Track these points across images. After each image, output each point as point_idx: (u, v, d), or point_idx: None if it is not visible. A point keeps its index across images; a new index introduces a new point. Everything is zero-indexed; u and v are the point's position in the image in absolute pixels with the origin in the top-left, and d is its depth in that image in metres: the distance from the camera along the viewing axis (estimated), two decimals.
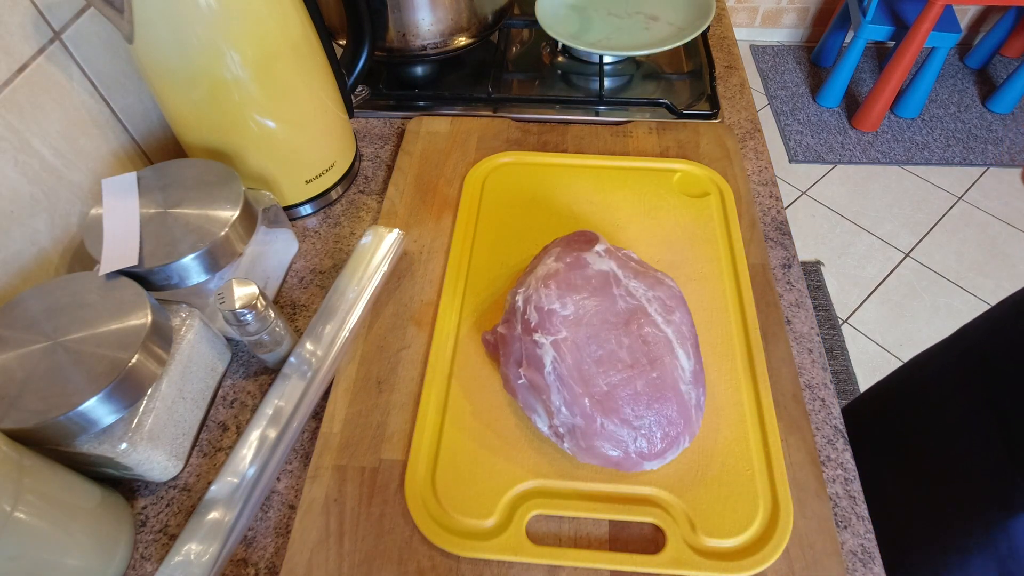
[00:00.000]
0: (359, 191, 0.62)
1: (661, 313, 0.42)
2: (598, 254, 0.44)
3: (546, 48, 0.78)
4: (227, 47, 0.45)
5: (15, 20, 0.44)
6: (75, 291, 0.40)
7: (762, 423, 0.43)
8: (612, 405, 0.39)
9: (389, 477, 0.42)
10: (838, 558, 0.38)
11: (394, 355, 0.48)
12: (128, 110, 0.55)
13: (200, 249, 0.42)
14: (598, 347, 0.40)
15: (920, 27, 1.72)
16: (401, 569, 0.39)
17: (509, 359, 0.43)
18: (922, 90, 1.93)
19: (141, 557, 0.40)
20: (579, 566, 0.39)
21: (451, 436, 0.43)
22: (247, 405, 0.47)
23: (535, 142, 0.63)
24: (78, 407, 0.35)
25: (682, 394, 0.40)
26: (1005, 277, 1.63)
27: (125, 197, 0.45)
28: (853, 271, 1.65)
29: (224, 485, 0.41)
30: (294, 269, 0.55)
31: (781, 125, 2.02)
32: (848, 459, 0.44)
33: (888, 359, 1.48)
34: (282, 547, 0.41)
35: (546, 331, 0.40)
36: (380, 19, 0.64)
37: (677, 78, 0.73)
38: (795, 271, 0.54)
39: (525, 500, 0.41)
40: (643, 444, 0.38)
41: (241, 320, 0.41)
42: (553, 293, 0.42)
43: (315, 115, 0.54)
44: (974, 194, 1.82)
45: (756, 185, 0.61)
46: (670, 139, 0.63)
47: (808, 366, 0.48)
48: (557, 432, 0.40)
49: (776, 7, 2.25)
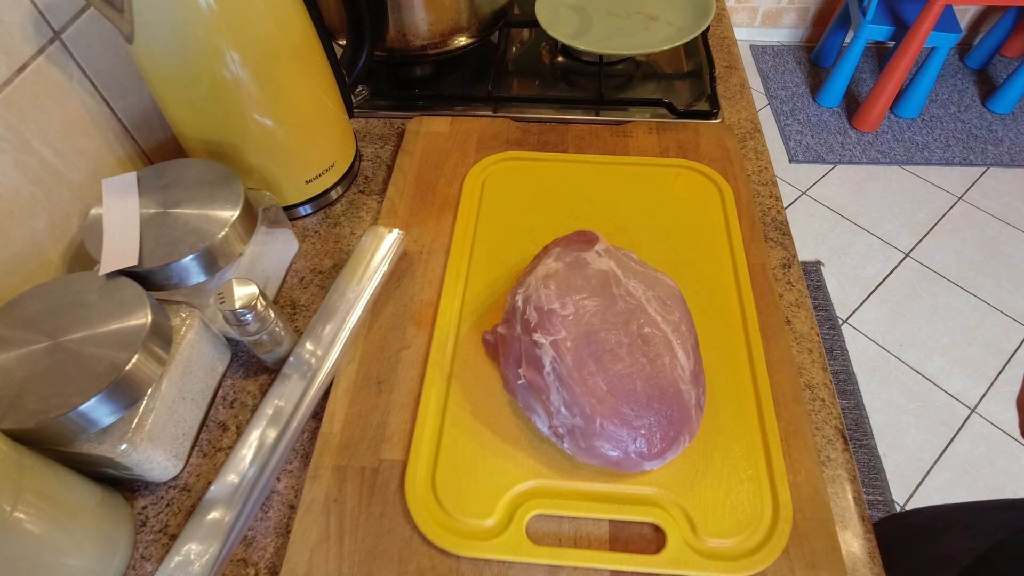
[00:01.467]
0: (359, 191, 0.62)
1: (660, 312, 0.42)
2: (598, 254, 0.44)
3: (546, 48, 0.78)
4: (227, 47, 0.45)
5: (15, 20, 0.44)
6: (75, 291, 0.40)
7: (762, 423, 0.43)
8: (612, 405, 0.39)
9: (389, 477, 0.42)
10: (838, 558, 0.38)
11: (394, 355, 0.48)
12: (128, 110, 0.55)
13: (200, 249, 0.42)
14: (598, 347, 0.40)
15: (920, 27, 1.72)
16: (401, 569, 0.39)
17: (509, 359, 0.43)
18: (922, 90, 1.93)
19: (141, 557, 0.40)
20: (579, 566, 0.39)
21: (451, 436, 0.43)
22: (247, 405, 0.47)
23: (535, 142, 0.63)
24: (78, 407, 0.35)
25: (682, 393, 0.40)
26: (1005, 277, 1.63)
27: (125, 197, 0.45)
28: (853, 271, 1.65)
29: (224, 485, 0.41)
30: (294, 269, 0.55)
31: (781, 125, 2.02)
32: (848, 459, 0.44)
33: (888, 359, 1.48)
34: (282, 547, 0.41)
35: (545, 331, 0.40)
36: (380, 19, 0.64)
37: (677, 78, 0.73)
38: (795, 271, 0.54)
39: (525, 500, 0.41)
40: (643, 444, 0.38)
41: (241, 320, 0.41)
42: (553, 293, 0.42)
43: (315, 115, 0.54)
44: (974, 194, 1.82)
45: (756, 185, 0.61)
46: (670, 139, 0.63)
47: (808, 366, 0.48)
48: (557, 432, 0.40)
49: (776, 7, 2.25)
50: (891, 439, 1.35)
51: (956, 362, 1.47)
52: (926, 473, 1.31)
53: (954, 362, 1.47)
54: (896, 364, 1.47)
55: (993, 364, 1.47)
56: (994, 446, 1.34)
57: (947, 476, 1.30)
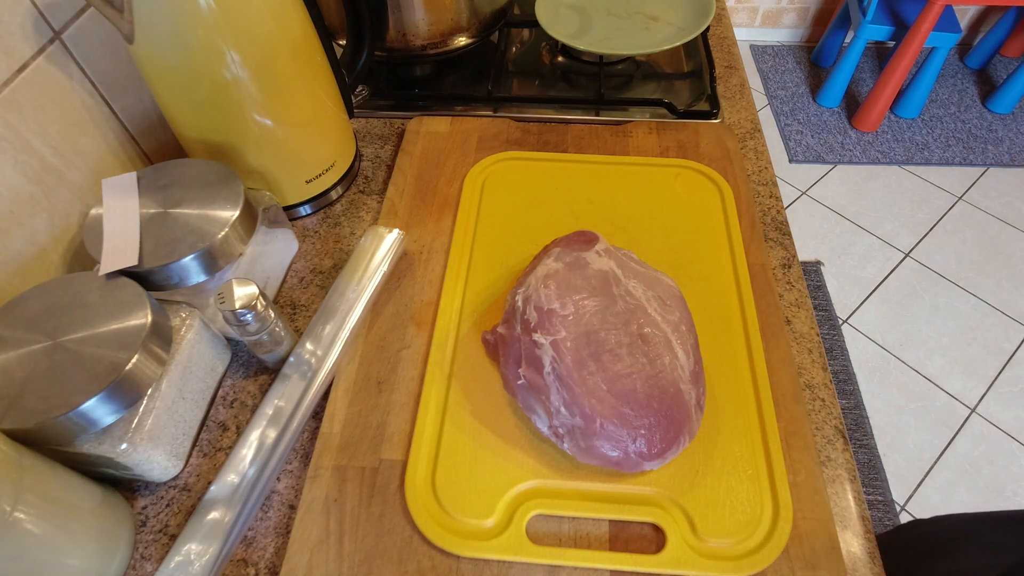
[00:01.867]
0: (359, 191, 0.62)
1: (660, 312, 0.42)
2: (598, 254, 0.44)
3: (546, 48, 0.78)
4: (227, 47, 0.45)
5: (15, 20, 0.44)
6: (75, 291, 0.40)
7: (762, 423, 0.43)
8: (611, 405, 0.39)
9: (389, 477, 0.42)
10: (838, 558, 0.38)
11: (394, 355, 0.48)
12: (128, 110, 0.55)
13: (200, 249, 0.42)
14: (598, 346, 0.40)
15: (920, 27, 1.72)
16: (401, 569, 0.39)
17: (508, 359, 0.43)
18: (922, 90, 1.93)
19: (141, 557, 0.40)
20: (579, 566, 0.39)
21: (451, 436, 0.43)
22: (247, 405, 0.47)
23: (535, 142, 0.63)
24: (78, 407, 0.35)
25: (682, 393, 0.40)
26: (1005, 277, 1.63)
27: (125, 197, 0.45)
28: (853, 271, 1.65)
29: (224, 485, 0.41)
30: (294, 269, 0.55)
31: (781, 125, 2.02)
32: (848, 459, 0.44)
33: (888, 359, 1.48)
34: (282, 547, 0.41)
35: (545, 331, 0.40)
36: (380, 19, 0.64)
37: (677, 78, 0.73)
38: (795, 271, 0.54)
39: (525, 500, 0.41)
40: (643, 444, 0.38)
41: (241, 320, 0.41)
42: (553, 293, 0.42)
43: (315, 115, 0.54)
44: (974, 194, 1.82)
45: (756, 185, 0.61)
46: (670, 139, 0.63)
47: (808, 366, 0.48)
48: (557, 432, 0.40)
49: (776, 7, 2.24)
50: (891, 439, 1.35)
51: (956, 362, 1.47)
52: (926, 473, 1.31)
53: (954, 362, 1.47)
54: (896, 364, 1.47)
55: (993, 364, 1.47)
56: (994, 446, 1.34)
57: (947, 476, 1.30)
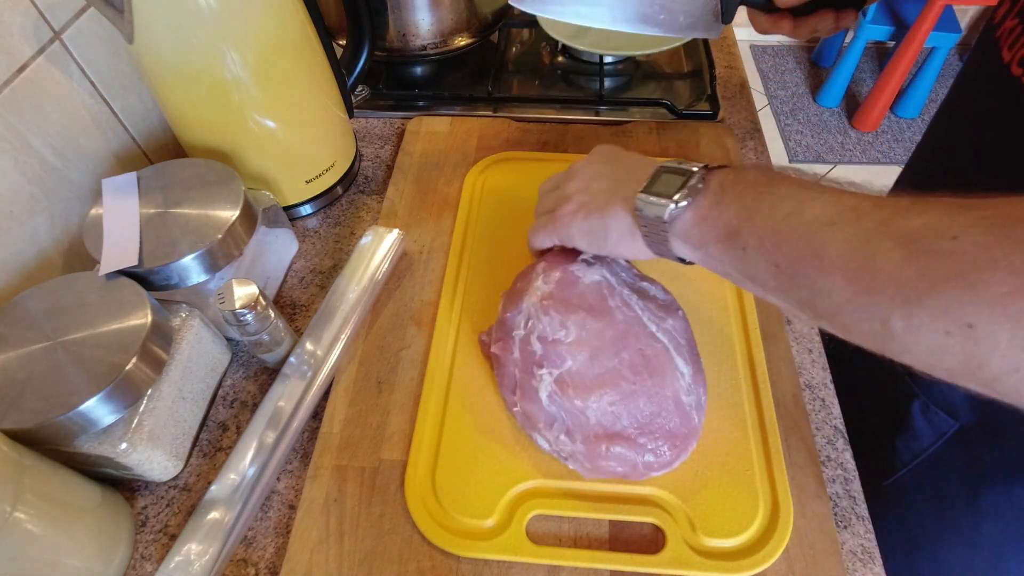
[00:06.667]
0: (359, 191, 0.62)
1: (656, 320, 0.41)
2: (587, 263, 0.43)
3: (546, 48, 0.78)
4: (227, 47, 0.45)
5: (15, 20, 0.44)
6: (75, 291, 0.40)
7: (762, 423, 0.43)
8: (616, 431, 0.38)
9: (389, 477, 0.42)
10: (838, 558, 0.38)
11: (394, 355, 0.48)
12: (128, 110, 0.55)
13: (200, 249, 0.42)
14: (600, 367, 0.39)
15: (920, 27, 1.72)
16: (401, 569, 0.39)
17: (503, 381, 0.42)
18: (922, 90, 1.93)
19: (141, 557, 0.40)
20: (579, 566, 0.39)
21: (451, 436, 0.43)
22: (247, 405, 0.47)
23: (535, 142, 0.63)
24: (78, 407, 0.35)
25: (684, 406, 0.39)
26: None
27: (125, 197, 0.45)
28: None
29: (224, 485, 0.41)
30: (294, 269, 0.55)
31: (781, 125, 2.02)
32: (848, 459, 0.44)
33: None
34: (282, 547, 0.41)
35: (551, 363, 0.39)
36: (380, 19, 0.64)
37: (677, 78, 0.73)
38: None
39: (525, 500, 0.41)
40: (650, 458, 0.38)
41: (241, 320, 0.41)
42: (556, 320, 0.40)
43: (315, 115, 0.54)
44: None
45: None
46: (670, 139, 0.63)
47: (808, 366, 0.48)
48: (560, 453, 0.40)
49: None
50: None
51: None
52: None
53: None
54: None
55: None
56: None
57: None
